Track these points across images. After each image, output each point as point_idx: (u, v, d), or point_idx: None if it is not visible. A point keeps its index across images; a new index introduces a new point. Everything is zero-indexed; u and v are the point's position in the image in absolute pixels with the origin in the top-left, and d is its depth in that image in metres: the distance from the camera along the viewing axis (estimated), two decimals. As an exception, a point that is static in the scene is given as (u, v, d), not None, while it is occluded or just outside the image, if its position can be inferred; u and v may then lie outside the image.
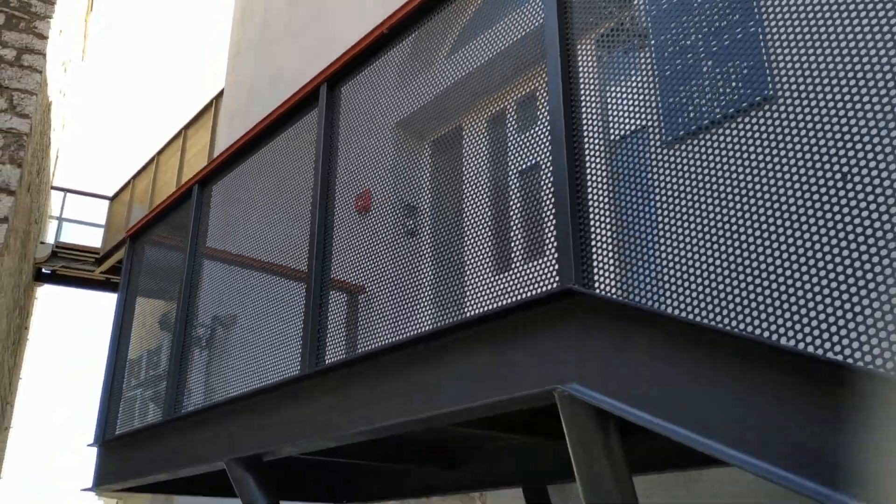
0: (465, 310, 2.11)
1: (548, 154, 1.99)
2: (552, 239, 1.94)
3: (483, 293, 2.08)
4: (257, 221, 3.41)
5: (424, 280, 2.31)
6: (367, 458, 3.75)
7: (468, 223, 2.22)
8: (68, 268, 13.25)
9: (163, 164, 12.35)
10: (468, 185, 2.31)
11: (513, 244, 2.13)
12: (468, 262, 2.16)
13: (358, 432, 2.36)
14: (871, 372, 1.24)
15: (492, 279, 2.07)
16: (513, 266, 2.08)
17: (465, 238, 2.21)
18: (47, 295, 15.46)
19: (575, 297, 1.81)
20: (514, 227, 2.13)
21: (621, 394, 1.69)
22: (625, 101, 1.94)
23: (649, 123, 1.87)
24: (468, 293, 2.12)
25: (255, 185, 3.56)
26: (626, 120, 1.91)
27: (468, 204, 2.29)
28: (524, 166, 2.18)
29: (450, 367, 2.09)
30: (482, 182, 2.28)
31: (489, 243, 2.14)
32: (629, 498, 1.72)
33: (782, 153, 1.55)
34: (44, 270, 13.33)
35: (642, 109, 1.88)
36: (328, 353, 2.69)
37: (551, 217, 1.95)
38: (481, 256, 2.13)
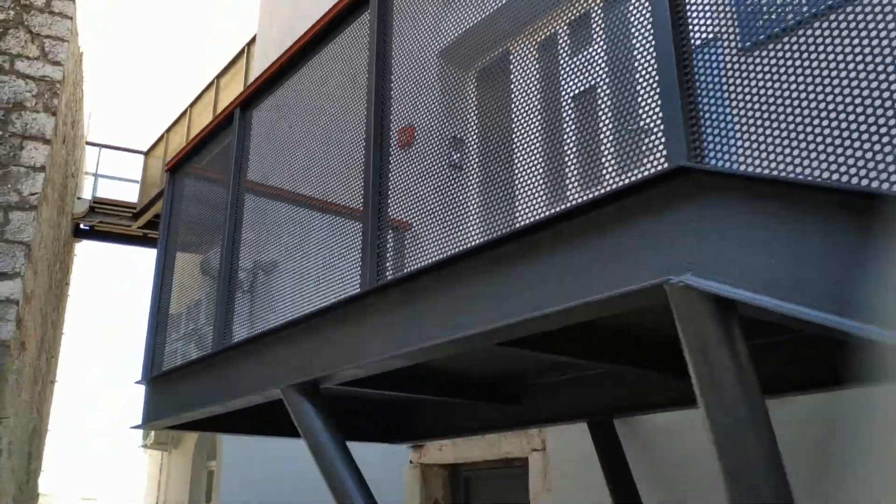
0: (554, 200, 1.89)
1: (647, 10, 1.74)
2: (655, 115, 1.70)
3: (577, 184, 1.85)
4: (303, 137, 3.20)
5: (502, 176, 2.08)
6: (422, 393, 3.58)
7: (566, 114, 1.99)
8: (106, 223, 13.27)
9: (196, 117, 12.21)
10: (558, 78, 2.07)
11: (607, 129, 1.88)
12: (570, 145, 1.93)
13: (431, 346, 2.16)
14: None
15: (588, 162, 1.83)
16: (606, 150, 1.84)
17: (568, 124, 1.98)
18: (86, 252, 15.54)
19: (689, 175, 1.57)
20: (610, 110, 1.89)
21: (746, 281, 1.46)
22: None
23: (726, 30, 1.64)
24: (557, 182, 1.89)
25: (302, 105, 3.34)
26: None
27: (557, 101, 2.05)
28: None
29: (540, 268, 1.86)
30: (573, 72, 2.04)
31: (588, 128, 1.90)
32: (758, 411, 1.49)
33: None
34: (82, 226, 13.36)
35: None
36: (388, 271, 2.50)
37: (653, 89, 1.71)
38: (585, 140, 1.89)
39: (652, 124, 1.72)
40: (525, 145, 2.01)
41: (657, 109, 1.70)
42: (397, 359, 2.38)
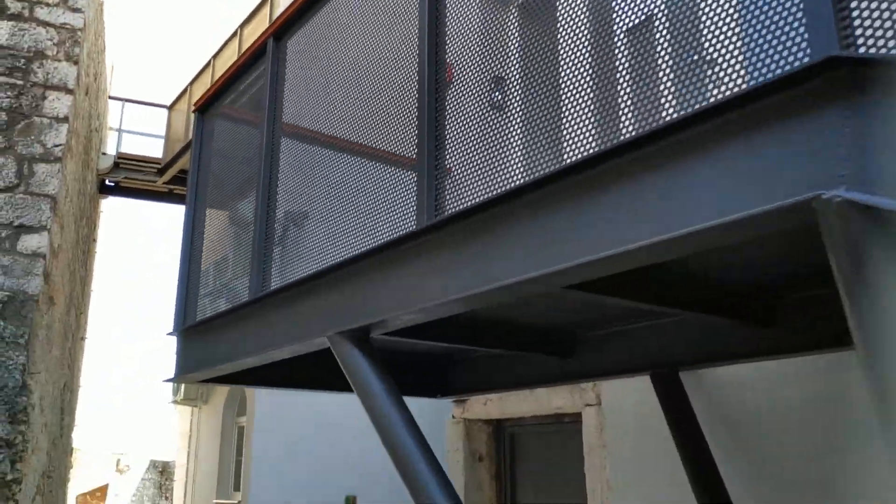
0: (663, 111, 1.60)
1: None
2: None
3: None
4: (346, 66, 2.92)
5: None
6: (472, 344, 3.34)
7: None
8: (131, 179, 13.11)
9: (220, 68, 11.89)
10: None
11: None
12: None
13: (499, 288, 1.90)
14: None
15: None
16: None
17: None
18: (111, 209, 15.44)
19: (841, 67, 1.27)
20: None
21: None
22: None
23: None
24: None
25: (346, 28, 3.05)
26: None
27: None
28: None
29: (640, 191, 1.59)
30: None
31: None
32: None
33: None
34: (107, 182, 13.22)
35: None
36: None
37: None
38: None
39: (784, 11, 1.42)
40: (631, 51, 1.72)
41: (790, -5, 1.40)
42: (459, 303, 2.13)
